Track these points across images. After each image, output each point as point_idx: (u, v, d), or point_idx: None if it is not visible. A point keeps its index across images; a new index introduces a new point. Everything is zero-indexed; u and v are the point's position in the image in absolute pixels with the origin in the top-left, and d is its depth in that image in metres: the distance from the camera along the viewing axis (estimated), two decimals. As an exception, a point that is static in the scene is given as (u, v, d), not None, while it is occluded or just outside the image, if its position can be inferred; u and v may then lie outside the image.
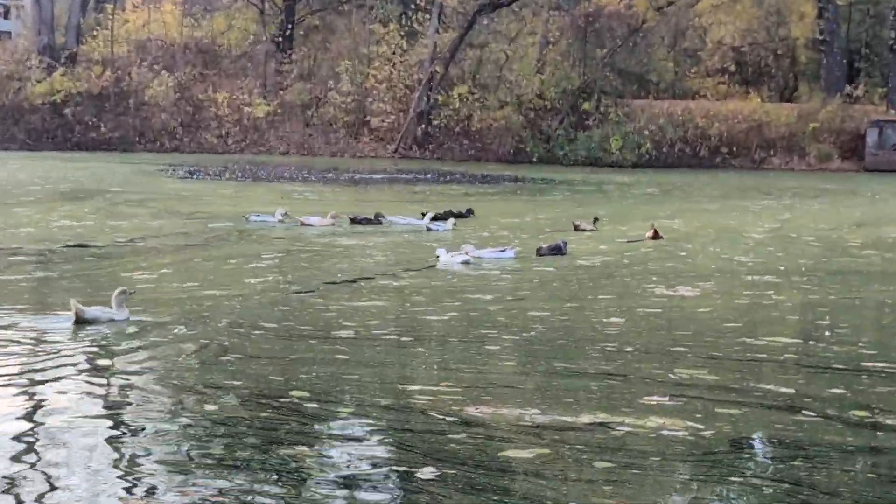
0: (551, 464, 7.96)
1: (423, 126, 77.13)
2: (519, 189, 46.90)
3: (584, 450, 8.29)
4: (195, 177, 49.29)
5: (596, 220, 27.33)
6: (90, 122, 79.62)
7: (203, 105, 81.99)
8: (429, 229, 26.27)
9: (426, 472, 7.73)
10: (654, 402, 9.67)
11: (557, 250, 21.04)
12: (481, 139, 76.16)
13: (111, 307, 13.54)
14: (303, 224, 26.57)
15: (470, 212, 30.43)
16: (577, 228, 26.58)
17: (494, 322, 13.72)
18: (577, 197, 41.73)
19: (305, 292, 16.03)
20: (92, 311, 13.45)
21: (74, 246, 21.25)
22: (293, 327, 13.24)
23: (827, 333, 13.40)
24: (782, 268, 19.68)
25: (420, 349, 12.15)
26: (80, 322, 13.25)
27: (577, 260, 20.27)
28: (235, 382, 10.34)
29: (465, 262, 19.60)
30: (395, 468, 7.86)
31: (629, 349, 12.10)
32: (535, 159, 72.17)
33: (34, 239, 22.44)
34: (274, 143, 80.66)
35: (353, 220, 27.43)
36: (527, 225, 28.32)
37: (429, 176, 54.25)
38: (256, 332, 12.91)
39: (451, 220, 27.17)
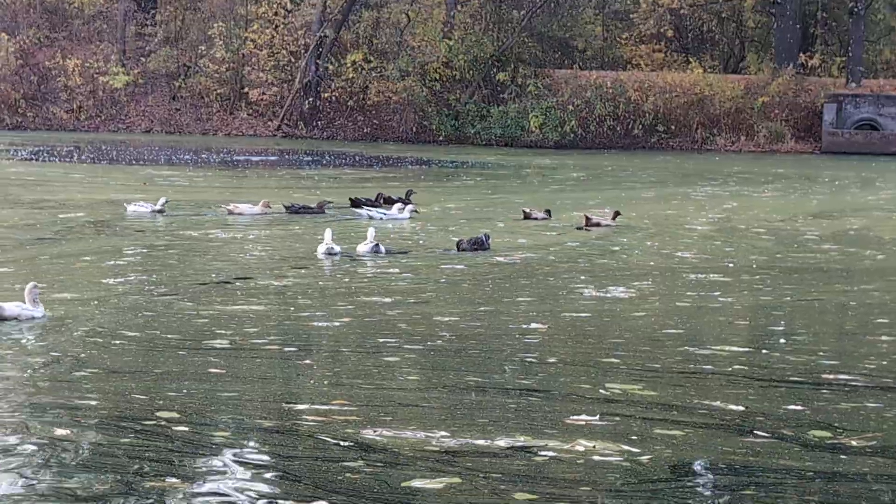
0: (463, 496, 7.95)
1: (311, 100, 76.94)
2: (424, 173, 47.01)
3: (501, 479, 8.28)
4: (41, 159, 48.73)
5: (548, 211, 27.65)
6: None
7: (50, 74, 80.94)
8: (378, 219, 26.81)
9: (316, 509, 7.69)
10: (583, 422, 9.71)
11: (479, 245, 21.09)
12: (379, 115, 76.15)
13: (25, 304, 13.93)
14: (230, 213, 27.18)
15: (410, 194, 30.76)
16: (527, 217, 26.99)
17: (394, 329, 13.70)
18: (491, 183, 41.94)
19: (173, 295, 15.91)
20: (10, 309, 13.82)
21: None
22: (159, 336, 13.12)
23: (782, 341, 13.59)
24: (730, 265, 19.96)
25: (308, 361, 12.10)
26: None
27: (496, 256, 20.35)
28: (92, 402, 10.20)
29: (376, 251, 20.18)
30: (279, 502, 7.80)
31: (552, 360, 12.16)
32: (441, 139, 72.32)
33: None
34: (135, 120, 79.96)
35: (290, 209, 27.87)
36: (434, 216, 28.38)
37: (318, 158, 54.17)
38: (116, 341, 12.76)
39: (410, 207, 27.79)
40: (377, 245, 20.53)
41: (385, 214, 27.35)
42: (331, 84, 76.53)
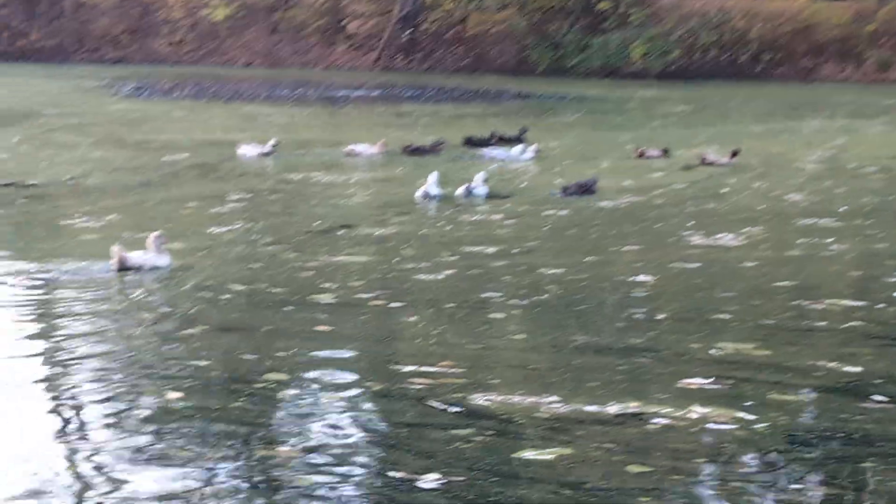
0: (576, 468, 7.87)
1: (410, 31, 76.63)
2: (524, 107, 46.66)
3: (613, 450, 8.18)
4: (143, 95, 48.98)
5: (666, 150, 27.31)
6: (18, 29, 79.03)
7: (151, 7, 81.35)
8: (501, 160, 26.63)
9: (428, 480, 7.63)
10: (695, 386, 9.57)
11: (585, 188, 20.77)
12: (478, 46, 75.62)
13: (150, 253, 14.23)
14: (348, 155, 27.09)
15: (524, 131, 30.63)
16: (641, 156, 26.65)
17: (499, 282, 13.60)
18: (593, 118, 41.48)
19: (278, 245, 15.94)
20: (134, 258, 14.09)
21: (1, 185, 21.11)
22: (265, 290, 13.14)
23: (898, 294, 13.33)
24: (841, 209, 19.57)
25: (413, 318, 12.02)
26: (123, 269, 13.92)
27: (601, 201, 20.10)
28: (202, 362, 10.24)
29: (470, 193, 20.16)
30: (390, 474, 7.76)
31: (661, 316, 11.99)
32: (541, 70, 71.70)
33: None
34: (235, 53, 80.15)
35: (407, 150, 27.67)
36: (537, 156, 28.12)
37: (418, 92, 53.97)
38: (224, 296, 12.81)
39: (533, 147, 27.34)
40: (468, 187, 20.40)
41: (508, 155, 27.01)
42: (430, 15, 76.16)
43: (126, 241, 14.65)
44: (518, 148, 27.40)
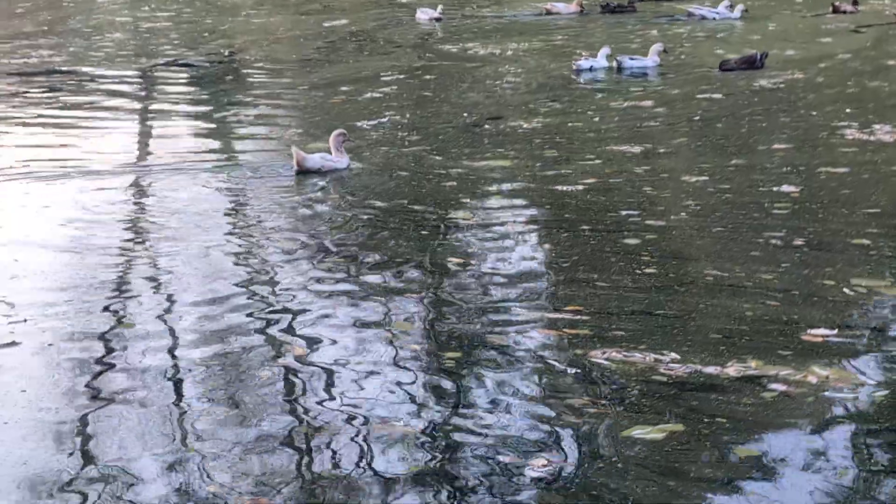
0: (683, 451, 7.77)
1: None
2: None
3: (724, 428, 7.97)
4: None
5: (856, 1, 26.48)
6: None
7: None
8: (712, 18, 26.29)
9: (536, 468, 7.68)
10: (819, 339, 9.38)
11: (750, 63, 20.19)
12: None
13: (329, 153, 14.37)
14: (548, 12, 26.91)
15: None
16: (836, 10, 25.90)
17: (637, 197, 13.47)
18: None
19: (423, 145, 15.96)
20: (313, 160, 14.19)
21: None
22: (405, 207, 13.21)
23: None
24: None
25: (547, 247, 11.96)
26: (302, 172, 14.11)
27: (760, 80, 19.62)
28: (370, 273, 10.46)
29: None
30: (499, 458, 7.83)
31: (798, 243, 11.69)
32: None
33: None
34: None
35: (605, 8, 27.51)
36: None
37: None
38: (366, 213, 13.00)
39: (740, 6, 26.70)
40: (579, 64, 20.51)
41: (717, 14, 26.29)
42: None
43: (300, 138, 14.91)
44: (723, 4, 26.60)
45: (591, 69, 20.60)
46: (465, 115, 17.70)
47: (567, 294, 10.61)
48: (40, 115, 17.82)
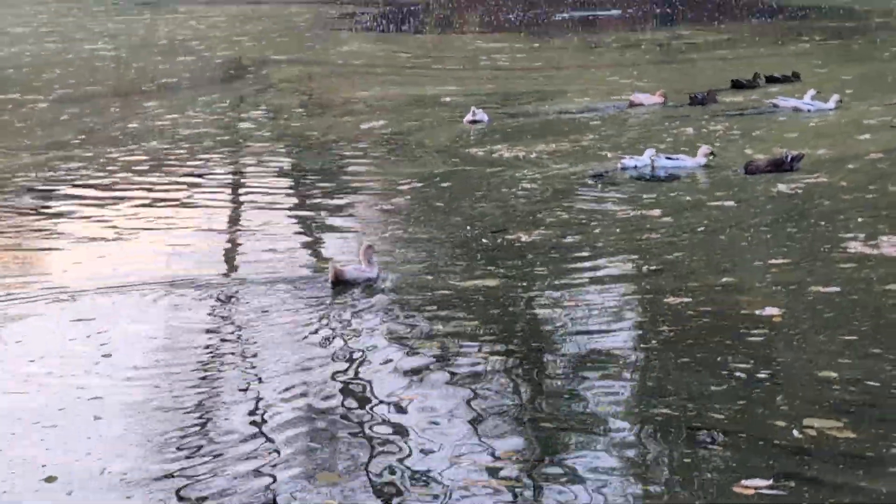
0: None
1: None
2: (765, 30, 44.92)
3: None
4: (379, 28, 48.87)
5: None
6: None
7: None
8: (806, 111, 25.59)
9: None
10: (751, 491, 9.10)
11: (777, 166, 19.70)
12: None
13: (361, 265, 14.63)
14: (631, 105, 26.75)
15: (796, 76, 29.93)
16: None
17: (616, 317, 13.26)
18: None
19: (424, 262, 15.88)
20: (350, 272, 14.46)
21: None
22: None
23: None
24: None
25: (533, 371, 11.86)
26: (339, 283, 14.39)
27: (780, 183, 19.13)
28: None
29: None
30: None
31: (763, 375, 11.28)
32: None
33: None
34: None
35: (694, 100, 27.09)
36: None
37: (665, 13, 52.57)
38: (402, 323, 12.97)
39: (835, 97, 25.83)
40: (623, 164, 20.58)
41: (812, 106, 25.46)
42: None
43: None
44: (809, 94, 25.84)
45: (635, 167, 20.47)
46: (469, 227, 17.49)
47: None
48: (98, 226, 18.08)
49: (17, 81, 33.67)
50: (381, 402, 11.00)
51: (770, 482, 9.23)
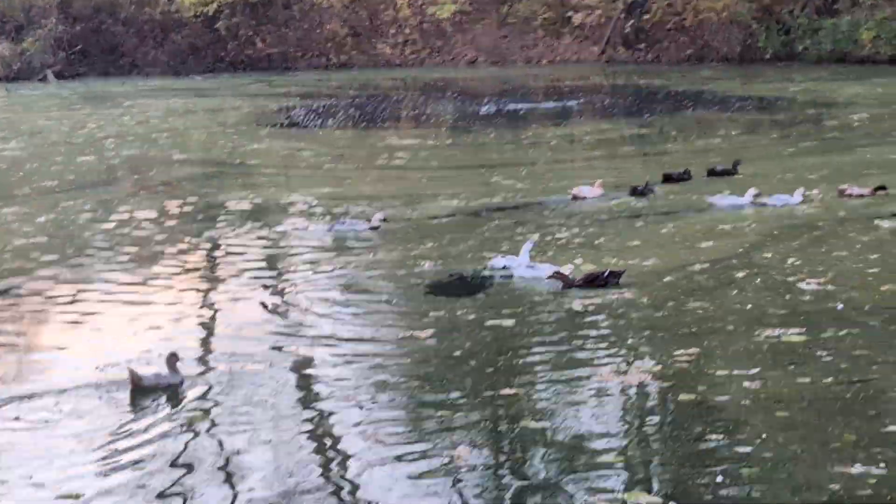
0: None
1: (633, 22, 74.52)
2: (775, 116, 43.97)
3: None
4: (304, 123, 47.66)
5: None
6: (245, 37, 79.88)
7: (380, 8, 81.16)
8: (773, 206, 24.59)
9: None
10: None
11: (591, 281, 18.53)
12: (701, 35, 72.75)
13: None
14: (574, 198, 26.04)
15: (737, 164, 29.05)
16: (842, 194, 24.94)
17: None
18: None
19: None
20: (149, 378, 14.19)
21: None
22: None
23: None
24: None
25: None
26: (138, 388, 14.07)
27: (577, 300, 17.98)
28: None
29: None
30: None
31: None
32: (768, 56, 68.75)
33: None
34: (460, 51, 79.47)
35: (635, 191, 26.48)
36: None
37: (641, 101, 51.74)
38: None
39: (800, 189, 25.01)
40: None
41: (775, 200, 24.62)
42: (653, 5, 73.85)
43: None
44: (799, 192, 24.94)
45: (504, 267, 19.45)
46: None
47: None
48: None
49: None
50: None
51: None
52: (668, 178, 28.16)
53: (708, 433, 12.34)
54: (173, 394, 14.05)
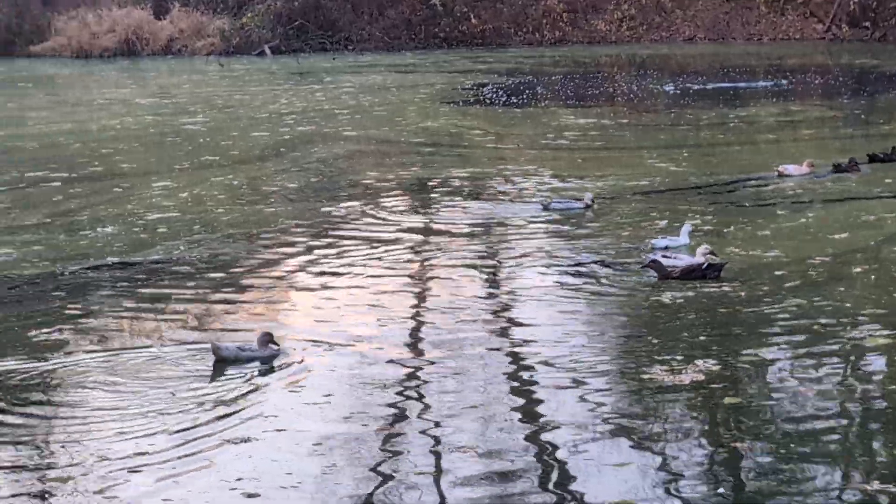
0: None
1: (860, -3, 72.17)
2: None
3: None
4: (505, 101, 47.23)
5: None
6: (459, 13, 79.82)
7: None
8: None
9: None
10: None
11: (690, 273, 17.75)
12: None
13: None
14: (780, 175, 26.09)
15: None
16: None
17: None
18: None
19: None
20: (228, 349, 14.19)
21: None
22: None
23: None
24: None
25: None
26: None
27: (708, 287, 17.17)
28: None
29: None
30: None
31: None
32: None
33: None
34: (679, 27, 78.03)
35: (837, 168, 26.44)
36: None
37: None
38: None
39: None
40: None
41: None
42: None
43: None
44: None
45: (666, 248, 19.01)
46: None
47: None
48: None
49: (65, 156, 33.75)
50: None
51: None
52: (873, 159, 27.44)
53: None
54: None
